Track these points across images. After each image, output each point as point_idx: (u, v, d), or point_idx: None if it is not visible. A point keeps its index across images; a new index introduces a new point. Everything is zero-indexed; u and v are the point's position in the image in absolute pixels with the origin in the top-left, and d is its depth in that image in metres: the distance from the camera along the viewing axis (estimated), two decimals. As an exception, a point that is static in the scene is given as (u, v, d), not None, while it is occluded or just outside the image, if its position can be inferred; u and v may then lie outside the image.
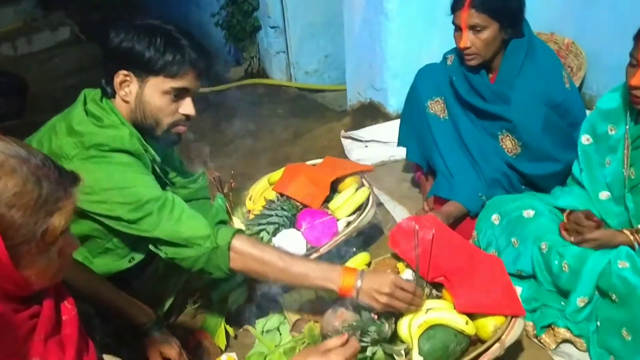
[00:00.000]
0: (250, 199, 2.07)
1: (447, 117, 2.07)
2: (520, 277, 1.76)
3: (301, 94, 3.95)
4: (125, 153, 1.42)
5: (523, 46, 1.88)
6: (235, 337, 1.73)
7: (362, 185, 1.99)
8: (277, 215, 1.87)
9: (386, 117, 2.92)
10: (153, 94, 1.43)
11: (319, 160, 2.14)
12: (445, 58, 2.12)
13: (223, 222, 1.48)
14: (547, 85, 1.88)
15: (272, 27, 4.00)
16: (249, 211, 2.02)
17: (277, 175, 2.06)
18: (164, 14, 5.39)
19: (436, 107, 2.09)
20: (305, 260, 1.48)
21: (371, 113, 2.99)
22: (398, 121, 2.79)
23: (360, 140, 2.82)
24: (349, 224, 1.87)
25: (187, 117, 1.49)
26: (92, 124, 1.42)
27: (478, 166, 1.98)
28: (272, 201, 1.94)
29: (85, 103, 1.46)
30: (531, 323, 1.64)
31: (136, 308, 1.47)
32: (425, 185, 2.21)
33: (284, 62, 4.09)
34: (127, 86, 1.43)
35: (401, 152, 2.64)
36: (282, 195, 1.95)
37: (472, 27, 1.86)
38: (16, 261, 0.86)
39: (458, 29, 1.91)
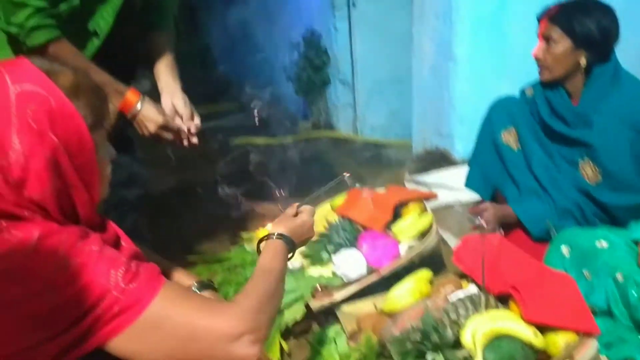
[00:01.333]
0: (312, 223, 2.06)
1: (519, 148, 2.04)
2: (593, 313, 1.65)
3: (366, 146, 3.99)
4: None
5: (608, 71, 1.84)
6: (289, 354, 1.69)
7: (426, 211, 1.95)
8: (337, 235, 1.86)
9: (452, 163, 2.89)
10: None
11: (381, 189, 2.13)
12: (522, 91, 2.11)
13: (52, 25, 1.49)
14: (633, 109, 1.81)
15: (341, 82, 4.11)
16: (310, 235, 2.02)
17: (339, 200, 2.06)
18: (237, 63, 5.66)
19: (509, 137, 2.07)
20: (103, 72, 1.54)
21: (437, 159, 2.97)
22: (465, 167, 2.79)
23: (425, 185, 2.79)
24: (411, 248, 1.83)
25: None
26: None
27: (549, 196, 1.91)
28: (333, 223, 1.94)
29: None
30: (605, 358, 1.52)
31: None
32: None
33: (351, 115, 4.17)
34: None
35: (467, 197, 2.60)
36: (344, 217, 1.95)
37: (547, 39, 1.87)
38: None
39: (539, 38, 1.95)
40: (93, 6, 1.56)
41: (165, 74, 1.73)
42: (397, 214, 1.96)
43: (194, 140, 1.68)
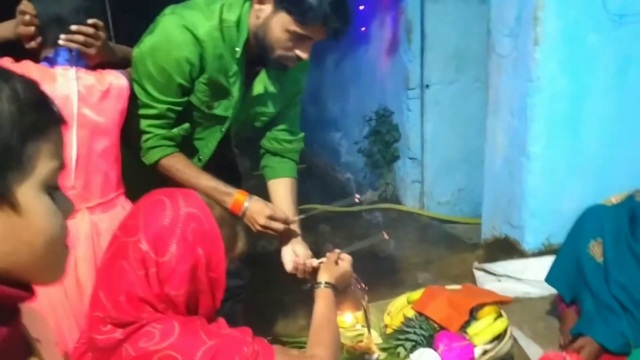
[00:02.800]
0: (388, 314, 2.17)
1: (601, 261, 2.08)
2: None
3: (432, 222, 4.08)
4: (190, 34, 1.62)
5: None
6: None
7: (501, 315, 2.03)
8: (415, 333, 1.95)
9: (521, 255, 2.94)
10: (277, 26, 1.60)
11: (457, 286, 2.22)
12: (632, 197, 2.12)
13: (171, 139, 1.75)
14: None
15: (410, 158, 4.25)
16: (386, 326, 2.12)
17: (416, 294, 2.16)
18: (308, 132, 5.87)
19: (597, 249, 2.11)
20: (213, 179, 1.75)
21: (506, 249, 3.03)
22: (533, 259, 2.84)
23: (494, 274, 2.86)
24: (485, 352, 1.90)
25: (299, 58, 1.66)
26: (208, 4, 1.67)
27: (629, 313, 1.95)
28: (410, 319, 2.03)
29: None
30: None
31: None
32: (566, 319, 2.19)
33: (418, 191, 4.28)
34: (263, 4, 1.62)
35: (536, 290, 2.65)
36: (420, 314, 2.04)
37: None
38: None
39: None
40: (200, 134, 1.85)
41: (296, 238, 1.89)
42: (471, 315, 2.04)
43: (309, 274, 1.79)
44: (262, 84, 1.81)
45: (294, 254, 1.81)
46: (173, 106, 1.73)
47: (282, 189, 1.96)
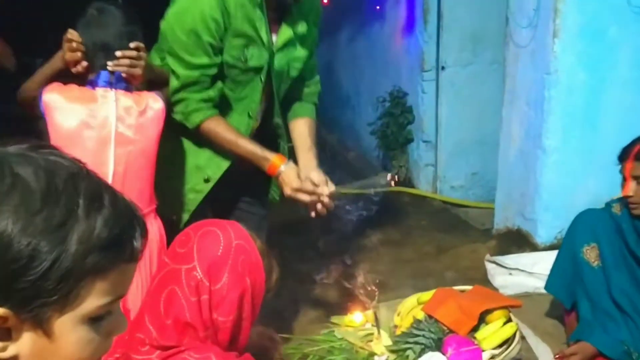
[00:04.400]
0: (398, 315, 2.19)
1: (599, 266, 2.09)
2: None
3: (445, 207, 4.07)
4: None
5: None
6: None
7: (510, 320, 2.04)
8: (424, 336, 1.97)
9: (533, 248, 2.94)
10: None
11: (468, 287, 2.23)
12: (610, 206, 2.16)
13: (208, 101, 1.80)
14: None
15: (424, 141, 4.22)
16: (396, 326, 2.14)
17: (426, 296, 2.17)
18: (321, 109, 5.84)
19: (591, 253, 2.12)
20: (252, 143, 1.84)
21: (518, 241, 3.03)
22: (545, 253, 2.83)
23: (505, 267, 2.86)
24: (493, 356, 1.92)
25: None
26: None
27: (629, 318, 1.96)
28: (420, 321, 2.05)
29: None
30: None
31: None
32: (568, 326, 2.21)
33: (431, 174, 4.26)
34: None
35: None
36: (430, 317, 2.06)
37: (636, 178, 1.92)
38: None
39: (624, 177, 1.98)
40: (243, 92, 1.87)
41: (304, 157, 1.96)
42: (481, 319, 2.05)
43: (327, 202, 1.84)
44: (289, 29, 1.85)
45: (309, 181, 1.84)
46: (206, 69, 1.77)
47: (300, 129, 2.03)
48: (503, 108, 3.05)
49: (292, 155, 2.00)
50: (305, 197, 1.81)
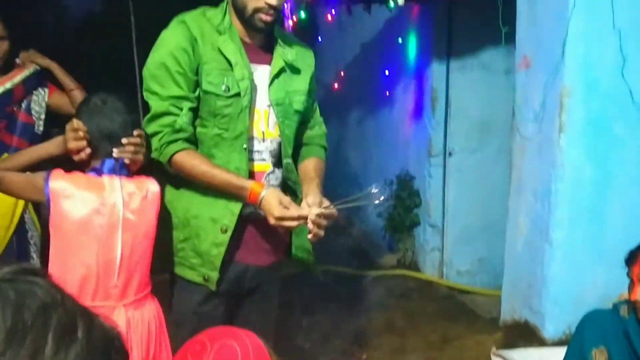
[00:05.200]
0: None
1: (608, 371, 2.03)
2: None
3: (451, 293, 4.01)
4: (178, 22, 1.73)
5: None
6: None
7: None
8: None
9: (541, 342, 2.86)
10: None
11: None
12: (617, 307, 2.12)
13: (180, 139, 1.73)
14: None
15: (430, 225, 4.21)
16: None
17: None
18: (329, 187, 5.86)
19: (600, 357, 2.06)
20: (228, 172, 1.72)
21: (525, 334, 2.95)
22: (553, 349, 2.75)
23: (512, 362, 2.78)
24: None
25: (270, 6, 1.68)
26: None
27: None
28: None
29: None
30: None
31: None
32: None
33: (438, 259, 4.23)
34: None
35: (555, 384, 2.56)
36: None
37: None
38: None
39: (631, 281, 1.94)
40: (235, 129, 1.79)
41: (306, 186, 1.85)
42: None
43: (317, 223, 1.67)
44: (279, 58, 1.83)
45: (294, 206, 1.71)
46: (176, 100, 1.73)
47: (304, 167, 1.92)
48: (510, 198, 3.06)
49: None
50: (291, 224, 1.69)
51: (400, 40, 4.41)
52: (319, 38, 6.27)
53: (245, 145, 1.78)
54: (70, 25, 8.73)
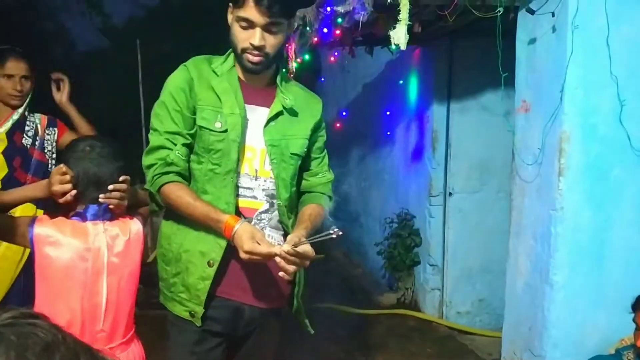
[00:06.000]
0: None
1: (614, 417, 2.02)
2: None
3: (451, 333, 3.99)
4: (182, 66, 1.80)
5: None
6: None
7: None
8: None
9: (543, 386, 2.85)
10: (232, 22, 1.76)
11: None
12: (621, 354, 2.12)
13: (171, 172, 1.77)
14: None
15: (430, 265, 4.22)
16: None
17: None
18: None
19: (605, 403, 2.06)
20: (208, 206, 1.74)
21: (527, 377, 2.94)
22: (555, 394, 2.74)
23: (513, 406, 2.76)
24: None
25: (254, 46, 1.73)
26: None
27: None
28: None
29: None
30: None
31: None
32: None
33: (438, 299, 4.22)
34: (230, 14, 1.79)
35: None
36: None
37: None
38: None
39: (637, 327, 1.96)
40: (227, 164, 1.81)
41: (294, 231, 1.79)
42: None
43: (288, 260, 1.65)
44: (279, 102, 1.86)
45: (266, 243, 1.70)
46: (172, 136, 1.78)
47: (301, 212, 1.90)
48: (510, 240, 3.08)
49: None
50: (259, 259, 1.67)
51: (401, 81, 4.50)
52: (322, 78, 6.38)
53: (234, 181, 1.79)
54: (77, 60, 8.87)
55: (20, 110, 2.57)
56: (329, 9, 3.25)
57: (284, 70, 1.96)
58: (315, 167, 2.03)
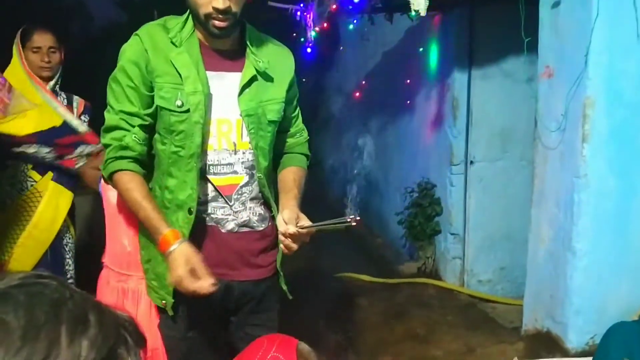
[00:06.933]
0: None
1: (635, 383, 2.02)
2: None
3: (472, 301, 4.00)
4: (134, 36, 1.64)
5: None
6: None
7: None
8: None
9: (564, 353, 2.85)
10: None
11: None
12: None
13: (125, 157, 1.66)
14: None
15: (451, 234, 4.21)
16: None
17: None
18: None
19: (626, 369, 2.06)
20: (153, 210, 1.64)
21: (548, 344, 2.94)
22: None
23: (534, 373, 2.77)
24: None
25: (219, 10, 1.55)
26: None
27: None
28: None
29: None
30: None
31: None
32: None
33: (459, 267, 4.22)
34: None
35: (578, 395, 2.55)
36: None
37: None
38: None
39: None
40: (191, 146, 1.67)
41: (283, 199, 1.74)
42: None
43: (289, 237, 1.61)
44: (251, 66, 1.70)
45: (283, 221, 1.63)
46: (127, 116, 1.65)
47: (283, 177, 1.82)
48: (532, 208, 3.05)
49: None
50: (186, 290, 1.57)
51: (421, 49, 4.43)
52: (341, 47, 6.32)
53: (199, 165, 1.67)
54: (95, 34, 8.89)
55: (52, 83, 2.61)
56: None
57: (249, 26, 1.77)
58: (293, 128, 1.91)
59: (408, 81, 4.64)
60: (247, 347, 1.29)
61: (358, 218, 1.55)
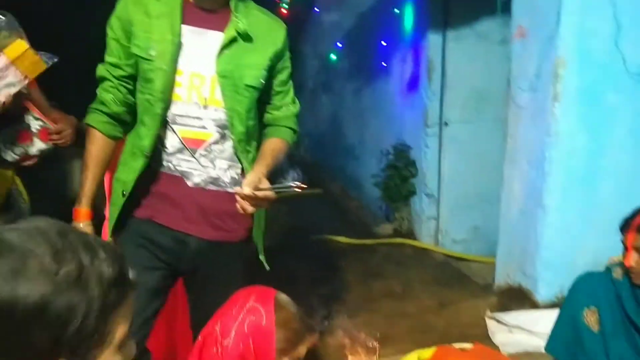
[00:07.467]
0: (399, 372, 2.20)
1: (600, 330, 2.11)
2: None
3: (447, 260, 4.10)
4: None
5: None
6: None
7: (510, 380, 2.05)
8: (425, 394, 1.98)
9: (534, 305, 2.96)
10: None
11: (468, 345, 2.24)
12: (609, 269, 2.19)
13: (100, 111, 1.74)
14: None
15: (426, 195, 4.28)
16: (397, 383, 2.15)
17: (427, 353, 2.19)
18: (326, 156, 5.91)
19: (591, 317, 2.14)
20: (88, 178, 1.73)
21: (519, 298, 3.05)
22: (546, 311, 2.85)
23: (505, 325, 2.87)
24: (494, 417, 1.93)
25: None
26: None
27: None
28: (421, 379, 2.06)
29: None
30: None
31: None
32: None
33: (434, 227, 4.31)
34: None
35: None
36: (431, 374, 2.07)
37: (637, 249, 1.95)
38: None
39: (625, 247, 2.01)
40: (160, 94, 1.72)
41: (255, 167, 1.73)
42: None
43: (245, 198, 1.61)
44: (232, 28, 1.70)
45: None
46: (111, 68, 1.73)
47: (263, 147, 1.81)
48: (504, 166, 3.12)
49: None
50: None
51: (396, 10, 4.42)
52: (316, 9, 6.26)
53: (161, 112, 1.69)
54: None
55: None
56: None
57: None
58: (279, 101, 1.89)
59: (383, 43, 4.65)
60: (232, 297, 1.34)
61: (303, 186, 1.58)
